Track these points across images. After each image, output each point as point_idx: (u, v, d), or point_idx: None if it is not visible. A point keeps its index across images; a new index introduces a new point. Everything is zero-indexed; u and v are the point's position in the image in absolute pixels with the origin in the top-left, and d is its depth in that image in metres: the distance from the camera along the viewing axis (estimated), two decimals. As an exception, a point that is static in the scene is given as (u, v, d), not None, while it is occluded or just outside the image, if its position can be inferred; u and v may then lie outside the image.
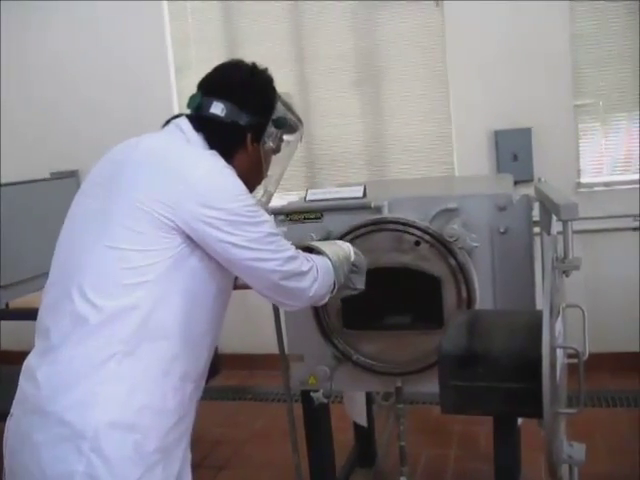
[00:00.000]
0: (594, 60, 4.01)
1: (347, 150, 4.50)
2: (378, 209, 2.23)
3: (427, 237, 2.16)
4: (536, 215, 2.28)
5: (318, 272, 1.75)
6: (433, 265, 2.17)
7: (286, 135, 1.88)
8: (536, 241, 2.23)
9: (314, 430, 2.52)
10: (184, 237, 1.51)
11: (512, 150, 4.07)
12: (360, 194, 2.30)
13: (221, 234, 1.52)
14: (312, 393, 2.36)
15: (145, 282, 1.48)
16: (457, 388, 1.70)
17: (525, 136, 4.06)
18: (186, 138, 1.65)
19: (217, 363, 3.12)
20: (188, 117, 1.70)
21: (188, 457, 1.64)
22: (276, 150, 1.84)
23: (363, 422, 3.12)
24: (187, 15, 4.67)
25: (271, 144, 1.79)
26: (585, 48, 4.01)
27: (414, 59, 4.29)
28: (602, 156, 4.12)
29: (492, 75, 4.10)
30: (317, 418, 2.51)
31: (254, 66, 1.78)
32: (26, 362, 1.56)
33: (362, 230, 2.20)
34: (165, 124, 1.74)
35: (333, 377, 2.33)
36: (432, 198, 2.23)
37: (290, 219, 2.32)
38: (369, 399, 3.12)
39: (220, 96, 1.69)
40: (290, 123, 1.85)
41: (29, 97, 4.96)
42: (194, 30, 4.68)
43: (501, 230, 2.15)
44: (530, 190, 2.40)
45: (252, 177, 1.75)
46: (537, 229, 2.30)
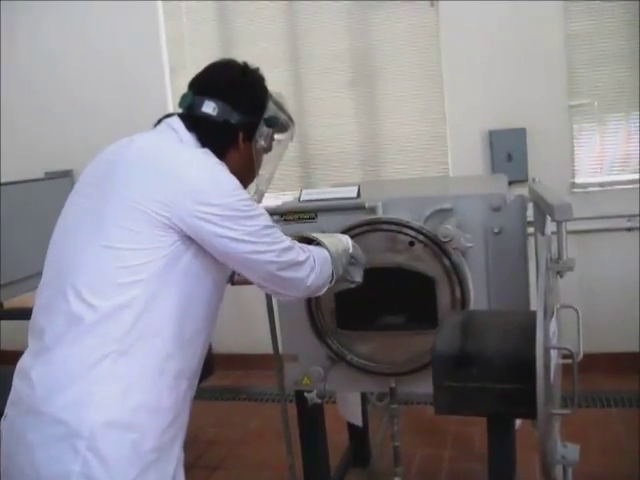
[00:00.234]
0: (589, 60, 4.02)
1: (342, 150, 4.50)
2: (372, 209, 2.23)
3: (421, 237, 2.16)
4: (530, 215, 2.28)
5: (315, 262, 1.75)
6: (427, 265, 2.17)
7: (277, 134, 1.89)
8: (530, 241, 2.23)
9: (308, 430, 2.51)
10: (180, 235, 1.51)
11: (506, 150, 4.08)
12: (354, 194, 2.30)
13: (218, 229, 1.52)
14: (306, 393, 2.36)
15: (139, 281, 1.48)
16: (451, 388, 1.70)
17: (520, 136, 4.06)
18: (178, 137, 1.65)
19: (211, 363, 3.13)
20: (180, 116, 1.70)
21: (182, 456, 1.63)
22: (267, 149, 1.85)
23: (358, 422, 3.11)
24: (182, 15, 4.66)
25: (263, 143, 1.79)
26: (580, 48, 4.01)
27: (409, 59, 4.30)
28: (597, 156, 4.12)
29: (487, 75, 4.10)
30: (311, 418, 2.50)
31: (245, 65, 1.78)
32: (20, 362, 1.56)
33: (356, 230, 2.19)
34: (157, 123, 1.73)
35: (327, 377, 2.32)
36: (426, 198, 2.23)
37: (284, 219, 2.31)
38: (363, 399, 3.11)
39: (212, 95, 1.69)
40: (282, 122, 1.86)
41: (23, 97, 4.94)
42: (189, 30, 4.67)
43: (495, 230, 2.15)
44: (524, 190, 2.40)
45: (244, 176, 1.74)
46: (531, 229, 2.30)
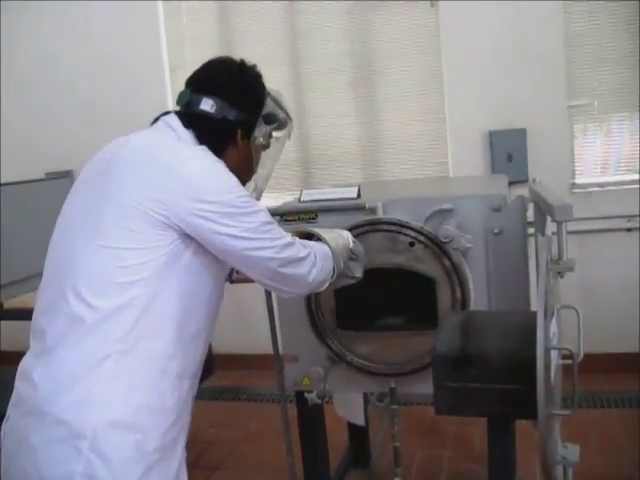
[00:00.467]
0: (589, 60, 4.02)
1: (342, 151, 4.50)
2: (372, 210, 2.22)
3: (421, 238, 2.16)
4: (530, 216, 2.28)
5: (316, 258, 1.75)
6: (427, 266, 2.17)
7: (275, 131, 1.88)
8: (531, 242, 2.23)
9: (308, 430, 2.51)
10: (179, 233, 1.51)
11: (507, 151, 4.07)
12: (354, 195, 2.30)
13: (218, 226, 1.51)
14: (306, 394, 2.36)
15: (139, 280, 1.47)
16: (451, 389, 1.70)
17: (520, 137, 4.06)
18: (176, 135, 1.64)
19: (211, 363, 3.13)
20: (177, 114, 1.70)
21: (184, 456, 1.63)
22: (266, 146, 1.84)
23: (360, 421, 3.10)
24: (182, 15, 4.67)
25: (261, 140, 1.79)
26: (580, 48, 4.01)
27: (410, 59, 4.30)
28: (597, 157, 4.12)
29: (487, 75, 4.10)
30: (311, 419, 2.50)
31: (242, 62, 1.78)
32: (22, 364, 1.55)
33: (356, 231, 2.19)
34: (154, 121, 1.73)
35: (327, 378, 2.32)
36: (426, 199, 2.23)
37: (285, 220, 2.31)
38: (364, 399, 3.11)
39: (209, 92, 1.69)
40: (280, 119, 1.85)
41: (23, 98, 4.94)
42: (189, 30, 4.67)
43: (495, 231, 2.15)
44: (525, 191, 2.40)
45: (242, 173, 1.74)
46: (532, 230, 2.30)
